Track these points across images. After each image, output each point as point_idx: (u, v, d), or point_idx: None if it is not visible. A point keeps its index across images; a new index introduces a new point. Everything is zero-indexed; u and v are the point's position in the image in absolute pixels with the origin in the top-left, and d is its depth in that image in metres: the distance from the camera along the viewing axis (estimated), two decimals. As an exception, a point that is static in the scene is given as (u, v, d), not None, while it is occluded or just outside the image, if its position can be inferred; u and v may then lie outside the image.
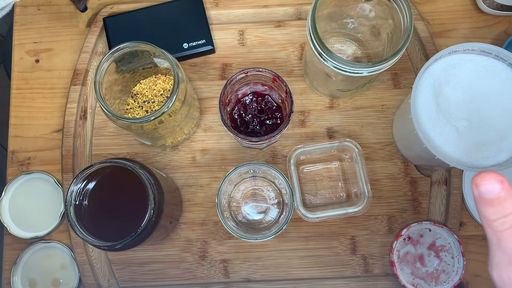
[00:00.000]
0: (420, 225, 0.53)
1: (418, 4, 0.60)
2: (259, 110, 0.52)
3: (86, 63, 0.58)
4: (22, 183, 0.56)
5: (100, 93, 0.44)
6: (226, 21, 0.60)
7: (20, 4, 0.62)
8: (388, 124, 0.57)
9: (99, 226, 0.42)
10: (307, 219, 0.51)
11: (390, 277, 0.54)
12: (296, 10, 0.60)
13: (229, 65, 0.59)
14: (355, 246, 0.55)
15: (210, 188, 0.56)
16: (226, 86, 0.46)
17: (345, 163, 0.55)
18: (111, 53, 0.45)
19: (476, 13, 0.60)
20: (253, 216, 0.55)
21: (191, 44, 0.57)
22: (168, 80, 0.55)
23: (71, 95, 0.57)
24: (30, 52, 0.60)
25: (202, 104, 0.58)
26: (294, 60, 0.59)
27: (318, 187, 0.56)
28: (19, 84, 0.59)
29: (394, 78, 0.58)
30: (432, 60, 0.44)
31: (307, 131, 0.57)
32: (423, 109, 0.44)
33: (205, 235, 0.55)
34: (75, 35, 0.60)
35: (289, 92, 0.46)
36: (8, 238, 0.56)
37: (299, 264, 0.54)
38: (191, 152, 0.57)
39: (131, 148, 0.57)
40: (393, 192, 0.56)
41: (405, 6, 0.44)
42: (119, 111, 0.52)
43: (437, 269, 0.53)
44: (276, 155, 0.56)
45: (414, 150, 0.51)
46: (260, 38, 0.59)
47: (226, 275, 0.54)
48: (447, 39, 0.59)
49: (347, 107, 0.58)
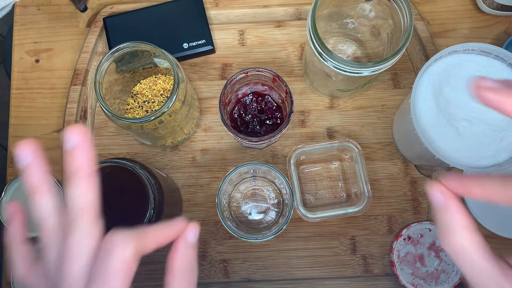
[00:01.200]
0: (420, 225, 0.53)
1: (418, 4, 0.60)
2: (259, 110, 0.52)
3: (86, 63, 0.58)
4: (22, 183, 0.56)
5: (100, 93, 0.44)
6: (226, 21, 0.60)
7: (20, 4, 0.62)
8: (388, 124, 0.57)
9: (99, 226, 0.42)
10: (307, 219, 0.51)
11: (390, 277, 0.54)
12: (296, 10, 0.60)
13: (229, 65, 0.59)
14: (355, 246, 0.55)
15: (210, 188, 0.56)
16: (226, 86, 0.46)
17: (345, 163, 0.55)
18: (111, 53, 0.45)
19: (476, 13, 0.60)
20: (253, 216, 0.55)
21: (191, 44, 0.57)
22: (168, 80, 0.55)
23: (71, 95, 0.57)
24: (30, 52, 0.60)
25: (202, 104, 0.58)
26: (294, 60, 0.59)
27: (318, 187, 0.56)
28: (19, 84, 0.59)
29: (394, 78, 0.58)
30: (432, 60, 0.44)
31: (307, 131, 0.57)
32: (423, 109, 0.44)
33: (205, 235, 0.55)
34: (75, 35, 0.60)
35: (289, 92, 0.46)
36: (8, 238, 0.56)
37: (299, 264, 0.54)
38: (191, 152, 0.57)
39: (131, 148, 0.57)
40: (393, 192, 0.56)
41: (405, 6, 0.44)
42: (119, 111, 0.52)
43: (437, 269, 0.53)
44: (276, 155, 0.56)
45: (414, 150, 0.51)
46: (260, 38, 0.59)
47: (226, 275, 0.54)
48: (447, 39, 0.59)
49: (347, 107, 0.58)
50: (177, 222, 0.27)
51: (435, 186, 0.26)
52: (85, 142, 0.26)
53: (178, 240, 0.27)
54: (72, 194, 0.25)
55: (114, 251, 0.24)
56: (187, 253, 0.27)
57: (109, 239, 0.24)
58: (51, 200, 0.26)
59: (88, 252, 0.24)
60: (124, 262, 0.24)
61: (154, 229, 0.26)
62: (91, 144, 0.26)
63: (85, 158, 0.25)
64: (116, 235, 0.24)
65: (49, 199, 0.26)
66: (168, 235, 0.27)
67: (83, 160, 0.25)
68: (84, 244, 0.24)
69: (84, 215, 0.25)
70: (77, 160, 0.25)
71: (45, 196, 0.26)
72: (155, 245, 0.26)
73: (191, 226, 0.28)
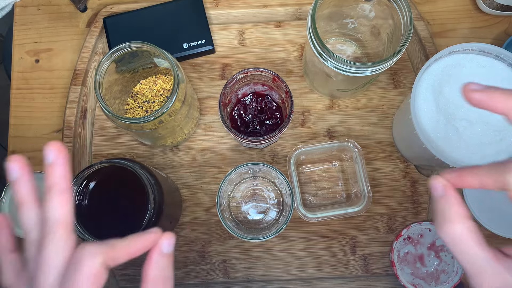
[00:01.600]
0: (420, 225, 0.53)
1: (418, 4, 0.60)
2: (259, 110, 0.52)
3: (86, 63, 0.58)
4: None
5: (100, 93, 0.44)
6: (226, 21, 0.60)
7: (20, 4, 0.62)
8: (388, 124, 0.57)
9: (99, 226, 0.41)
10: (307, 219, 0.51)
11: (390, 277, 0.54)
12: (296, 10, 0.60)
13: (229, 65, 0.59)
14: (355, 246, 0.55)
15: (210, 188, 0.56)
16: (226, 86, 0.46)
17: (345, 163, 0.55)
18: (111, 53, 0.45)
19: (476, 13, 0.60)
20: (253, 216, 0.55)
21: (191, 44, 0.57)
22: (168, 80, 0.55)
23: (71, 95, 0.57)
24: (30, 52, 0.60)
25: (202, 104, 0.58)
26: (294, 60, 0.59)
27: (318, 187, 0.56)
28: (19, 84, 0.59)
29: (394, 78, 0.58)
30: (432, 60, 0.44)
31: (307, 131, 0.57)
32: (423, 109, 0.44)
33: (205, 235, 0.55)
34: (75, 35, 0.60)
35: (289, 92, 0.46)
36: (8, 238, 0.56)
37: (299, 264, 0.54)
38: (191, 152, 0.57)
39: (131, 148, 0.57)
40: (393, 192, 0.56)
41: (405, 6, 0.44)
42: (119, 111, 0.52)
43: (437, 269, 0.53)
44: (276, 155, 0.56)
45: (414, 150, 0.51)
46: (260, 38, 0.59)
47: (226, 275, 0.54)
48: (447, 39, 0.59)
49: (347, 107, 0.58)
50: (150, 233, 0.28)
51: (435, 178, 0.28)
52: (61, 158, 0.27)
53: (152, 250, 0.28)
54: (47, 208, 0.26)
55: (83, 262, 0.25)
56: (161, 263, 0.28)
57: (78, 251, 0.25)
58: (36, 214, 0.28)
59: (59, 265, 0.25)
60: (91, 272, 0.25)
61: (125, 240, 0.27)
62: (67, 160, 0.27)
63: (60, 173, 0.27)
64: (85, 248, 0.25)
65: (33, 212, 0.28)
66: (140, 246, 0.28)
67: (59, 176, 0.27)
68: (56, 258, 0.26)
69: (58, 228, 0.26)
70: (53, 176, 0.27)
71: (30, 209, 0.28)
72: (126, 256, 0.27)
73: (166, 236, 0.28)
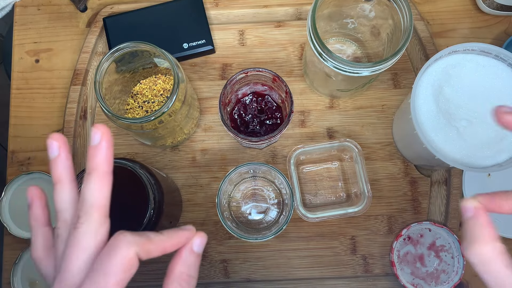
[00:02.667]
0: (420, 225, 0.53)
1: (418, 4, 0.60)
2: (259, 110, 0.52)
3: (86, 63, 0.58)
4: (22, 183, 0.56)
5: (100, 93, 0.44)
6: (226, 21, 0.60)
7: (20, 4, 0.62)
8: (388, 124, 0.57)
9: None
10: (307, 219, 0.51)
11: (390, 277, 0.54)
12: (296, 10, 0.60)
13: (229, 65, 0.59)
14: (355, 246, 0.55)
15: (210, 188, 0.56)
16: (226, 86, 0.46)
17: (345, 163, 0.55)
18: (111, 53, 0.45)
19: (476, 13, 0.60)
20: (253, 216, 0.55)
21: (191, 44, 0.57)
22: (168, 80, 0.55)
23: (71, 95, 0.57)
24: (30, 52, 0.60)
25: (202, 104, 0.58)
26: (294, 60, 0.59)
27: (318, 187, 0.56)
28: (19, 84, 0.59)
29: (394, 78, 0.58)
30: (432, 60, 0.44)
31: (307, 131, 0.57)
32: (423, 109, 0.44)
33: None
34: (75, 35, 0.60)
35: (289, 92, 0.46)
36: (8, 238, 0.56)
37: (299, 264, 0.54)
38: (191, 152, 0.57)
39: (131, 148, 0.57)
40: (393, 192, 0.56)
41: (405, 6, 0.44)
42: (119, 111, 0.52)
43: (437, 269, 0.53)
44: (276, 155, 0.56)
45: (414, 150, 0.51)
46: (260, 38, 0.59)
47: (226, 275, 0.54)
48: (447, 39, 0.59)
49: (347, 107, 0.58)
50: (185, 231, 0.28)
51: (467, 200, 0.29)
52: (106, 141, 0.26)
53: (184, 247, 0.27)
54: (86, 190, 0.26)
55: (118, 249, 0.24)
56: (189, 261, 0.27)
57: (116, 237, 0.25)
58: (71, 194, 0.27)
59: (91, 248, 0.25)
60: (125, 260, 0.24)
61: (162, 235, 0.27)
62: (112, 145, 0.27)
63: (104, 156, 0.26)
64: (123, 235, 0.25)
65: (68, 192, 0.27)
66: (175, 242, 0.27)
67: (101, 159, 0.26)
68: (89, 240, 0.25)
69: (94, 211, 0.26)
70: (97, 157, 0.26)
71: (65, 188, 0.27)
72: (160, 250, 0.26)
73: (199, 235, 0.28)
